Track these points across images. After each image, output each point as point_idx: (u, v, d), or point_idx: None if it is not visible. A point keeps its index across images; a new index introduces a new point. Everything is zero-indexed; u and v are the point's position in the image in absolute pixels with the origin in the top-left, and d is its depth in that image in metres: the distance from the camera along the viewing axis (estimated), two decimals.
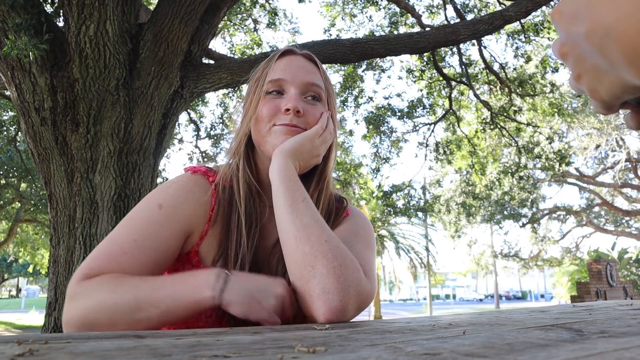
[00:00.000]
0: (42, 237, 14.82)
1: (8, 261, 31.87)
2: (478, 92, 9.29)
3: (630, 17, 0.33)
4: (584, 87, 0.42)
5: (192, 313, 0.73)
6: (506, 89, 8.80)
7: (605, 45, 0.35)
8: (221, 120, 9.63)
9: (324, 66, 0.96)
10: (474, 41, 7.82)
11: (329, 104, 0.97)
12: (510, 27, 8.24)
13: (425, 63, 8.81)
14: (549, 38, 8.23)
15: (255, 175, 0.94)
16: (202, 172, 0.94)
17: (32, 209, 12.43)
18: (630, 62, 0.33)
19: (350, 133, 10.88)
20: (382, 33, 8.93)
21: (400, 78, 9.76)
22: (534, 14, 6.72)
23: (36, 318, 19.84)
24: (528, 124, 9.79)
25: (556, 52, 0.44)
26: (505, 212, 19.86)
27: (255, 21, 9.19)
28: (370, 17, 9.60)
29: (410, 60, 9.33)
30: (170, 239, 0.85)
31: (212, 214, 0.90)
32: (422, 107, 10.02)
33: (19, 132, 8.75)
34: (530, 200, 18.47)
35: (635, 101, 0.42)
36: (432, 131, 10.29)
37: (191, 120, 9.50)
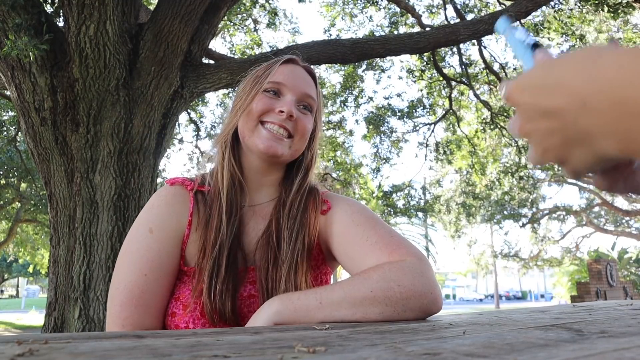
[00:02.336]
0: (42, 237, 14.81)
1: (8, 261, 31.86)
2: (478, 92, 9.29)
3: (603, 91, 0.32)
4: (551, 161, 0.40)
5: None
6: None
7: (580, 119, 0.34)
8: (221, 120, 9.63)
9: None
10: (474, 41, 7.82)
11: (319, 117, 1.03)
12: None
13: (425, 63, 8.81)
14: (548, 38, 8.23)
15: (239, 166, 0.98)
16: (179, 182, 0.99)
17: (32, 209, 12.43)
18: (605, 135, 0.32)
19: (350, 133, 10.89)
20: (382, 33, 8.93)
21: (400, 78, 9.76)
22: (534, 14, 6.72)
23: (36, 318, 19.83)
24: None
25: (516, 131, 0.41)
26: (505, 212, 19.85)
27: (255, 21, 9.19)
28: (370, 17, 9.60)
29: (410, 60, 9.33)
30: (169, 257, 0.91)
31: (191, 218, 0.94)
32: (422, 107, 10.02)
33: (19, 132, 8.75)
34: (530, 200, 18.47)
35: (602, 167, 0.41)
36: (432, 131, 10.29)
37: (191, 120, 9.50)
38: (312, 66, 1.05)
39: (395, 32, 8.70)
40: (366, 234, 0.90)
